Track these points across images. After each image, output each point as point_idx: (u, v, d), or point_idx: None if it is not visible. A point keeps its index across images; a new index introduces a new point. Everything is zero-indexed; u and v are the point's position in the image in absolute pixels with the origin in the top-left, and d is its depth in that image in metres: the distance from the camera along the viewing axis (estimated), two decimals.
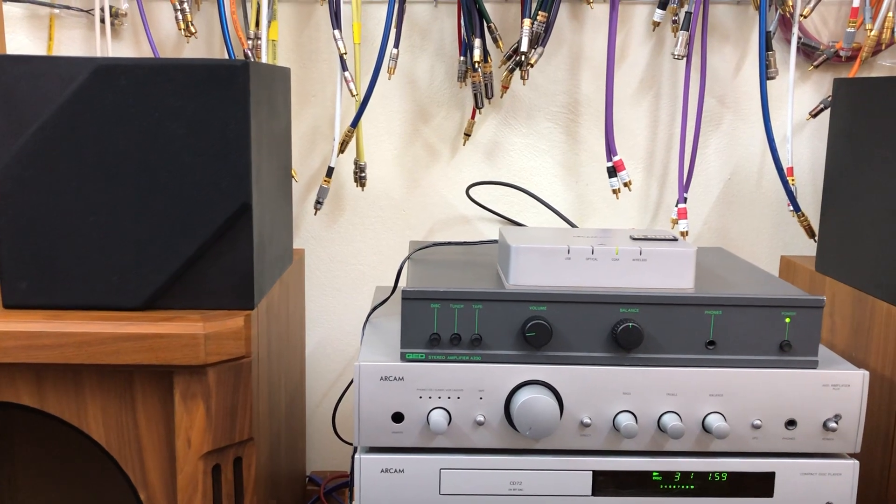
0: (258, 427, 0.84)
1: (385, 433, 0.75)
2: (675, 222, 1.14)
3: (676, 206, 1.13)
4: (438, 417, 0.73)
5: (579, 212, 1.20)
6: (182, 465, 0.79)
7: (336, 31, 1.08)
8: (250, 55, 1.08)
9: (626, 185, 1.12)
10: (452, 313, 0.74)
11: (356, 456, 0.75)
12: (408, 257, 0.88)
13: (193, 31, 1.10)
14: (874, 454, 0.90)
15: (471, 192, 1.16)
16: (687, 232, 1.13)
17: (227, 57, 1.09)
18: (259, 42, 1.09)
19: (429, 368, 0.74)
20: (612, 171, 1.12)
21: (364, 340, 0.82)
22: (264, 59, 1.09)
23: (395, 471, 0.75)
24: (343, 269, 1.21)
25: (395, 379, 0.74)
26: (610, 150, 1.12)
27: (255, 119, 0.80)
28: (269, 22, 1.10)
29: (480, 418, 0.75)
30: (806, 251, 1.19)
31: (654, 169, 1.19)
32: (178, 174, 0.78)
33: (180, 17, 1.08)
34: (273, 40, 1.11)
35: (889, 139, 0.89)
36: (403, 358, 0.75)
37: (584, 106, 1.18)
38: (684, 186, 1.14)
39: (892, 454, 0.87)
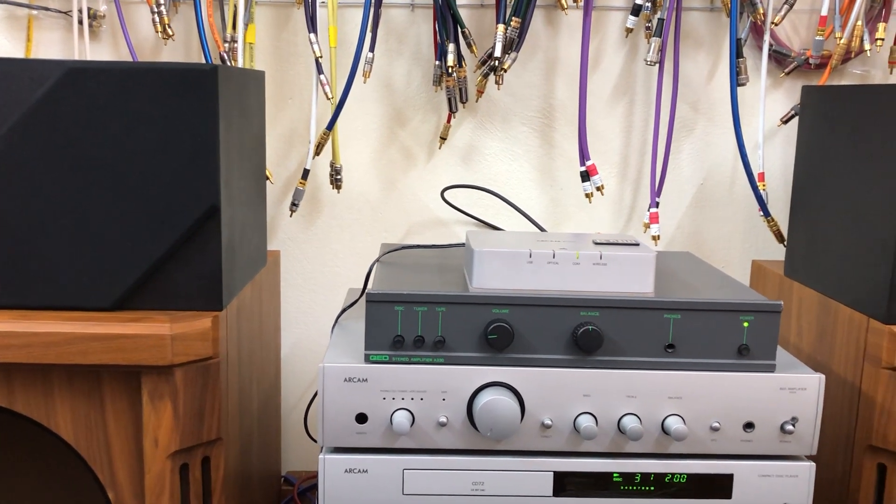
0: (227, 427, 0.85)
1: (349, 434, 0.76)
2: (647, 226, 1.15)
3: (649, 210, 1.14)
4: (401, 418, 0.75)
5: (554, 216, 1.21)
6: (150, 465, 0.80)
7: (312, 35, 1.09)
8: (226, 58, 1.09)
9: (598, 189, 1.14)
10: (416, 316, 0.75)
11: (320, 456, 0.76)
12: (377, 260, 0.89)
13: (171, 33, 1.11)
14: (836, 456, 0.92)
15: (447, 195, 1.17)
16: (659, 236, 1.15)
17: (203, 59, 1.10)
18: (235, 45, 1.10)
19: (392, 370, 0.75)
20: (585, 176, 1.14)
21: (332, 342, 0.83)
22: (240, 62, 1.10)
23: (359, 471, 0.76)
24: (319, 271, 1.22)
25: (358, 380, 0.75)
26: (583, 155, 1.13)
27: (225, 122, 0.81)
28: (246, 25, 1.11)
29: (443, 419, 0.76)
30: (777, 256, 1.20)
31: (628, 173, 1.20)
32: (147, 177, 0.79)
33: (157, 19, 1.09)
34: (250, 43, 1.12)
35: (854, 147, 0.91)
36: (367, 360, 0.76)
37: (559, 111, 1.19)
38: (656, 191, 1.15)
39: (854, 456, 0.88)
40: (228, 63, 1.10)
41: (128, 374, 0.79)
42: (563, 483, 0.77)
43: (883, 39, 1.09)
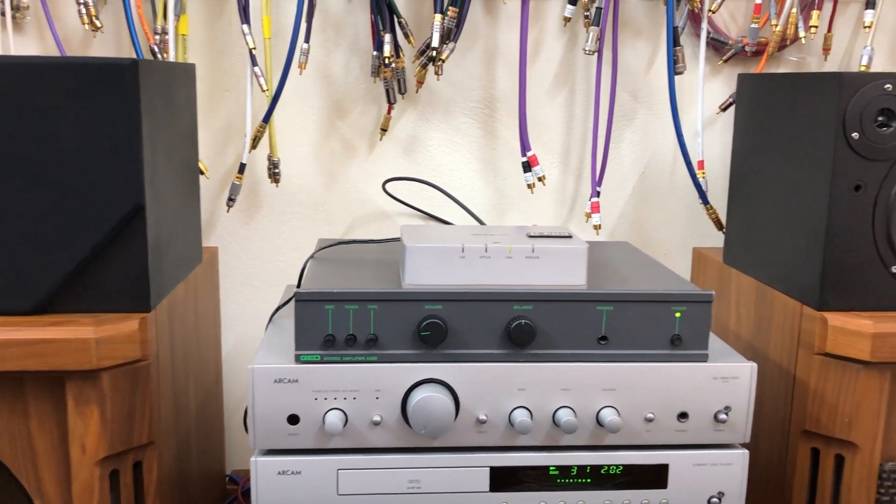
0: (160, 430, 0.83)
1: (281, 435, 0.75)
2: (588, 216, 1.15)
3: (590, 200, 1.14)
4: (334, 418, 0.73)
5: (498, 206, 1.20)
6: (77, 473, 0.77)
7: (245, 26, 1.06)
8: (157, 51, 1.06)
9: (540, 179, 1.13)
10: (347, 314, 0.74)
11: (252, 459, 0.75)
12: (311, 257, 0.88)
13: (99, 25, 1.07)
14: (773, 442, 0.93)
15: (388, 187, 1.15)
16: (600, 225, 1.15)
17: (134, 52, 1.07)
18: (167, 37, 1.07)
19: (324, 370, 0.74)
20: (527, 166, 1.13)
21: (263, 342, 0.81)
22: (172, 55, 1.07)
23: (292, 472, 0.75)
24: (261, 267, 1.20)
25: (289, 381, 0.74)
26: (524, 146, 1.13)
27: (149, 118, 0.79)
28: (178, 16, 1.08)
29: (377, 418, 0.75)
30: (719, 243, 1.21)
31: (570, 163, 1.20)
32: (67, 175, 0.76)
33: (83, 10, 1.05)
34: (183, 35, 1.10)
35: (787, 134, 0.91)
36: (298, 360, 0.75)
37: (501, 101, 1.18)
38: (597, 181, 1.15)
39: (789, 441, 0.89)
40: (160, 56, 1.07)
41: (51, 379, 0.76)
42: (500, 478, 0.77)
43: (817, 27, 1.10)
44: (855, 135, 0.81)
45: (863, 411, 0.83)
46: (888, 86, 0.80)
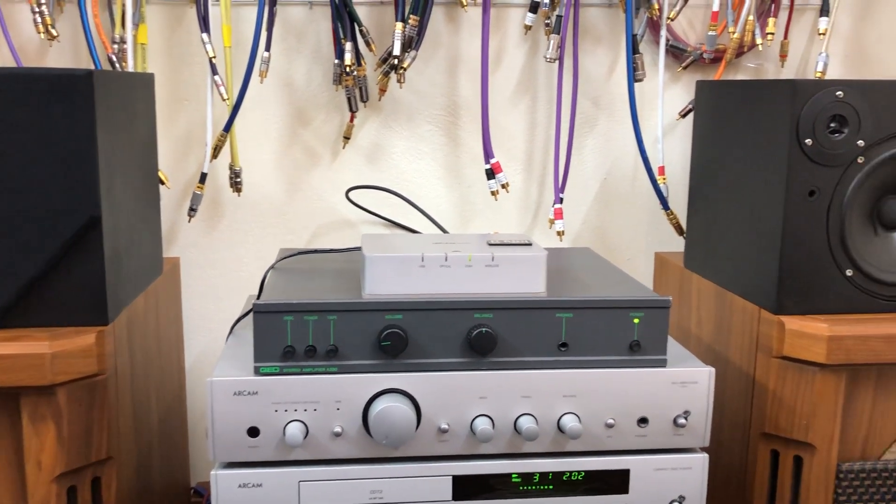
0: (119, 445, 0.82)
1: (241, 448, 0.74)
2: (552, 222, 1.16)
3: (553, 206, 1.15)
4: (294, 430, 0.73)
5: (462, 214, 1.21)
6: (33, 490, 0.76)
7: (204, 35, 1.06)
8: (116, 60, 1.05)
9: (503, 186, 1.14)
10: (307, 325, 0.74)
11: (212, 472, 0.74)
12: (271, 267, 0.87)
13: (55, 34, 1.06)
14: (734, 444, 0.94)
15: (352, 195, 1.15)
16: (563, 231, 1.15)
17: (92, 62, 1.05)
18: (125, 46, 1.06)
19: (284, 382, 0.74)
20: (490, 174, 1.13)
21: (224, 353, 0.81)
22: (131, 64, 1.06)
23: (253, 485, 0.74)
24: (224, 277, 1.19)
25: (249, 393, 0.73)
26: (487, 153, 1.13)
27: (104, 129, 0.78)
28: (137, 25, 1.07)
29: (338, 429, 0.74)
30: (680, 247, 1.22)
31: (534, 170, 1.21)
32: (22, 187, 0.75)
33: (39, 19, 1.04)
34: (142, 44, 1.09)
35: (743, 140, 0.93)
36: (257, 372, 0.74)
37: (464, 109, 1.18)
38: (560, 187, 1.15)
39: (750, 445, 0.90)
40: (118, 65, 1.06)
41: (5, 396, 0.75)
42: (462, 486, 0.77)
43: (773, 34, 1.12)
44: (808, 141, 0.82)
45: (820, 413, 0.84)
46: (840, 93, 0.82)
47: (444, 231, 1.05)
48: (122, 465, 0.83)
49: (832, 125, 0.83)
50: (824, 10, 1.13)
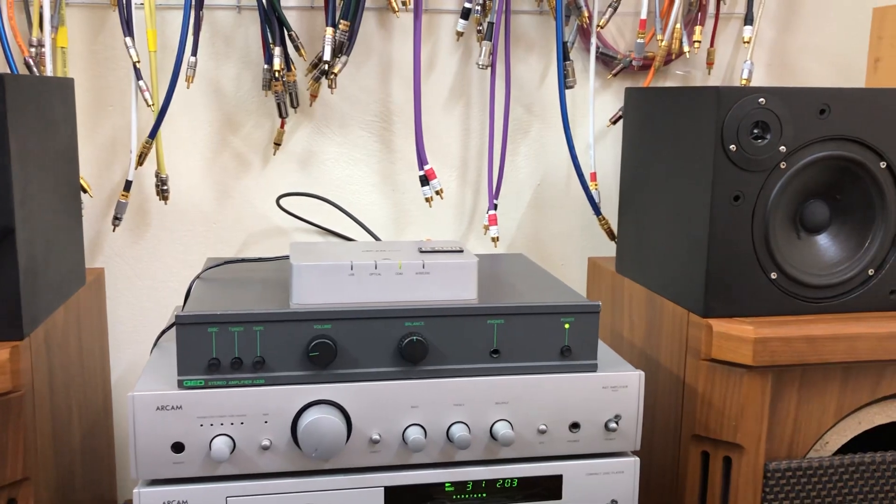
0: (37, 464, 0.79)
1: (165, 464, 0.72)
2: (486, 228, 1.15)
3: (488, 212, 1.15)
4: (221, 445, 0.71)
5: (397, 221, 1.20)
6: None
7: (128, 39, 1.03)
8: (33, 64, 1.01)
9: (438, 193, 1.13)
10: (232, 336, 0.72)
11: (135, 490, 0.72)
12: (197, 277, 0.85)
13: None
14: (667, 447, 0.95)
15: (283, 202, 1.13)
16: (498, 237, 1.15)
17: (7, 66, 1.01)
18: (44, 50, 1.02)
19: (209, 395, 0.72)
20: (425, 180, 1.13)
21: (147, 367, 0.78)
22: (49, 68, 1.02)
23: (179, 502, 0.72)
24: (151, 288, 1.16)
25: (172, 408, 0.71)
26: (421, 160, 1.12)
27: (17, 135, 0.75)
28: (56, 28, 1.04)
29: (266, 443, 0.73)
30: (613, 252, 1.23)
31: (468, 176, 1.21)
32: None
33: None
34: (62, 47, 1.05)
35: (670, 147, 0.94)
36: (181, 385, 0.72)
37: (397, 115, 1.18)
38: (494, 193, 1.15)
39: (681, 447, 0.92)
40: (35, 70, 1.02)
41: None
42: (395, 497, 0.76)
43: (700, 42, 1.14)
44: (732, 147, 0.84)
45: (747, 414, 0.85)
46: (762, 99, 0.84)
47: (377, 238, 1.04)
48: (39, 485, 0.79)
49: (755, 131, 0.85)
50: (748, 19, 1.15)
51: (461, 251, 0.79)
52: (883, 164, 0.87)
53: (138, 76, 1.04)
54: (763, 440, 0.86)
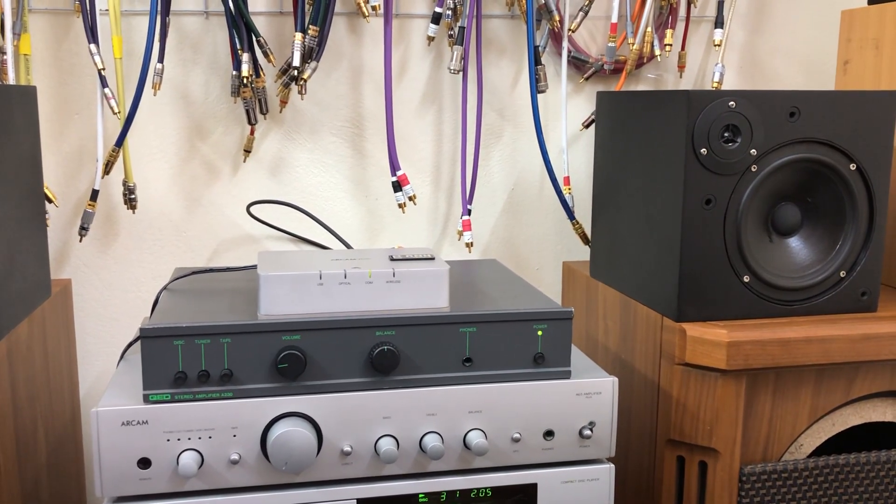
0: (1, 481, 0.77)
1: (131, 481, 0.70)
2: (460, 234, 1.15)
3: (461, 218, 1.14)
4: (188, 460, 0.69)
5: (370, 227, 1.19)
6: None
7: (92, 46, 1.01)
8: None
9: (411, 199, 1.12)
10: (199, 349, 0.70)
11: None
12: (164, 288, 0.83)
13: None
14: (642, 452, 0.95)
15: (254, 210, 1.12)
16: (472, 243, 1.15)
17: None
18: (6, 57, 1.00)
19: (175, 409, 0.70)
20: (397, 186, 1.12)
21: (112, 381, 0.76)
22: (12, 76, 1.00)
23: None
24: (120, 298, 1.14)
25: (138, 423, 0.69)
26: (393, 165, 1.11)
27: None
28: (18, 35, 1.02)
29: (235, 457, 0.71)
30: (587, 257, 1.23)
31: (442, 182, 1.20)
32: None
33: None
34: (25, 55, 1.03)
35: (642, 151, 0.94)
36: (147, 400, 0.70)
37: (369, 120, 1.16)
38: (468, 199, 1.15)
39: (657, 452, 0.91)
40: None
41: None
42: None
43: (671, 45, 1.14)
44: (703, 150, 0.84)
45: (722, 418, 0.85)
46: (732, 103, 0.84)
47: (349, 246, 1.03)
48: (2, 501, 0.77)
49: (726, 135, 0.84)
50: (719, 22, 1.16)
51: (433, 259, 0.78)
52: (853, 167, 0.87)
53: (104, 83, 1.02)
54: (738, 444, 0.86)
